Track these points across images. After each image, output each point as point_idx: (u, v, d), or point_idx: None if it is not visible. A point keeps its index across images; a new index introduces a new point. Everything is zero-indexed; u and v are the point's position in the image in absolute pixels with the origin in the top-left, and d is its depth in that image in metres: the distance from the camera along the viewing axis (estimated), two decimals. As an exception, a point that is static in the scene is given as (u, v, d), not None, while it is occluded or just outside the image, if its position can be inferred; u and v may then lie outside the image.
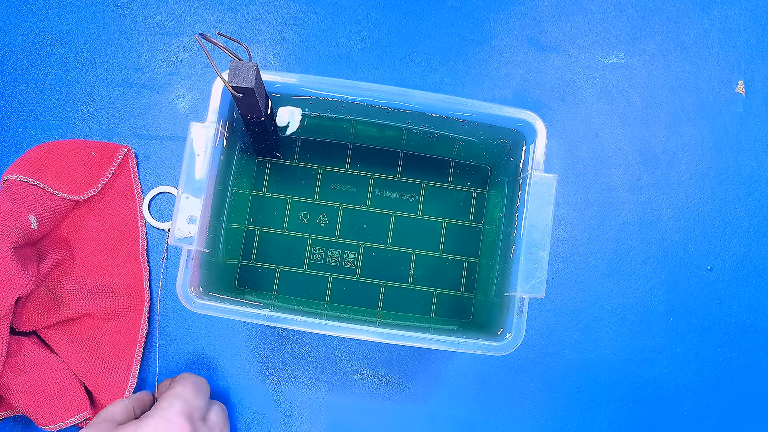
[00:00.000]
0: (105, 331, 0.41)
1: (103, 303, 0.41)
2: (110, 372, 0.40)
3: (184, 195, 0.33)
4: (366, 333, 0.33)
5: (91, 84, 0.45)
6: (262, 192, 0.43)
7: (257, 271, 0.42)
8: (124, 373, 0.40)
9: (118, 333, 0.41)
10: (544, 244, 0.34)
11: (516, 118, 0.35)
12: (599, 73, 0.47)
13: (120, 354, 0.41)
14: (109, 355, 0.40)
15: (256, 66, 0.31)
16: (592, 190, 0.46)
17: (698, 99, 0.47)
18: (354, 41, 0.46)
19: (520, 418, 0.43)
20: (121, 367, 0.40)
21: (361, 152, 0.44)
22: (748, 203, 0.46)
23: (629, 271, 0.45)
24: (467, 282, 0.43)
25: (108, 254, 0.42)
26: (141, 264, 0.42)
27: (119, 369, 0.40)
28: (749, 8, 0.48)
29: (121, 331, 0.41)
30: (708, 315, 0.45)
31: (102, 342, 0.41)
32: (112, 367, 0.40)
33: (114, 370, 0.40)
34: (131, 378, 0.40)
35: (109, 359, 0.40)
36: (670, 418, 0.44)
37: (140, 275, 0.42)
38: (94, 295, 0.41)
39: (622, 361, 0.44)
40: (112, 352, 0.41)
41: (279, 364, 0.43)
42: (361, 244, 0.43)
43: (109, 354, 0.40)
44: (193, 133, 0.33)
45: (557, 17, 0.47)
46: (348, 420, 0.43)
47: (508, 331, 0.34)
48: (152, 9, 0.46)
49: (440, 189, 0.44)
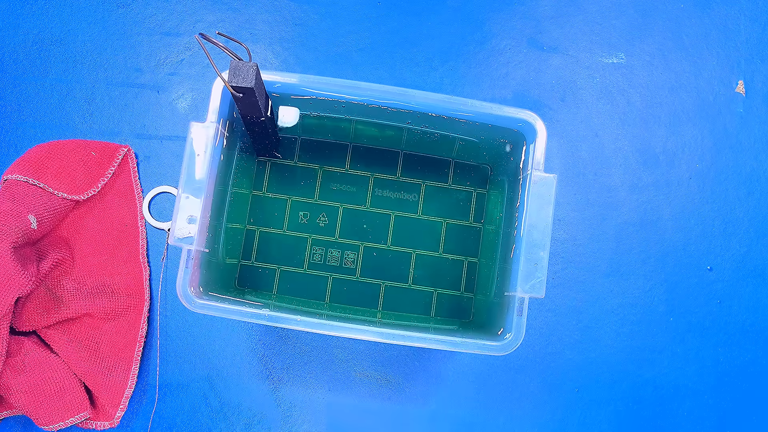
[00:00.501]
0: (105, 330, 0.41)
1: (103, 303, 0.41)
2: (110, 371, 0.40)
3: (184, 195, 0.33)
4: (366, 333, 0.33)
5: (91, 84, 0.45)
6: (262, 192, 0.43)
7: (257, 271, 0.42)
8: (124, 372, 0.40)
9: (117, 333, 0.41)
10: (544, 244, 0.34)
11: (516, 118, 0.35)
12: (599, 73, 0.47)
13: (120, 353, 0.41)
14: (109, 354, 0.40)
15: (256, 66, 0.31)
16: (592, 190, 0.46)
17: (698, 99, 0.47)
18: (354, 41, 0.46)
19: (520, 418, 0.43)
20: (120, 367, 0.40)
21: (361, 152, 0.44)
22: (748, 203, 0.46)
23: (629, 271, 0.45)
24: (467, 282, 0.43)
25: (108, 254, 0.42)
26: (141, 264, 0.42)
27: (119, 368, 0.40)
28: (749, 8, 0.48)
29: (121, 330, 0.41)
30: (708, 315, 0.45)
31: (102, 342, 0.41)
32: (112, 366, 0.40)
33: (113, 370, 0.40)
34: (131, 377, 0.40)
35: (108, 359, 0.40)
36: (670, 418, 0.44)
37: (140, 275, 0.42)
38: (94, 295, 0.41)
39: (622, 361, 0.44)
40: (111, 351, 0.41)
41: (279, 364, 0.43)
42: (361, 244, 0.43)
43: (108, 353, 0.40)
44: (193, 133, 0.33)
45: (557, 17, 0.47)
46: (348, 420, 0.43)
47: (508, 331, 0.34)
48: (152, 9, 0.46)
49: (440, 189, 0.44)
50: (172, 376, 0.42)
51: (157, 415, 0.42)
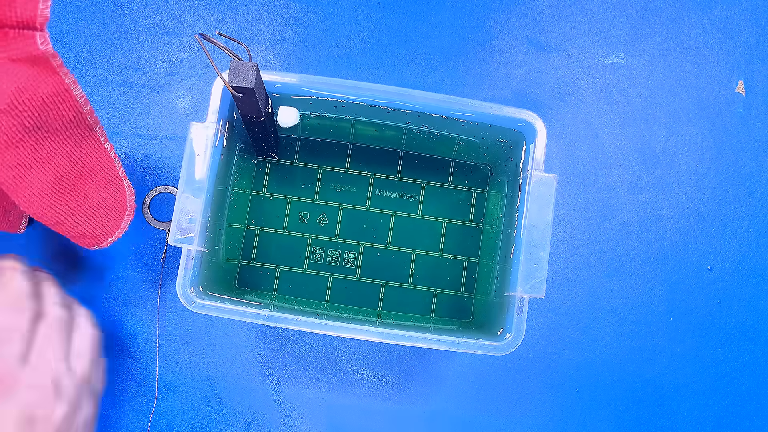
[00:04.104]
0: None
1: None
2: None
3: (184, 195, 0.33)
4: (366, 333, 0.33)
5: (91, 84, 0.45)
6: (262, 192, 0.43)
7: (257, 271, 0.42)
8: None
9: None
10: (544, 244, 0.34)
11: (516, 118, 0.35)
12: (599, 73, 0.47)
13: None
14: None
15: (256, 66, 0.31)
16: (592, 190, 0.46)
17: (698, 99, 0.47)
18: (354, 41, 0.46)
19: (520, 418, 0.43)
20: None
21: (361, 152, 0.44)
22: (748, 203, 0.46)
23: (629, 271, 0.45)
24: (467, 282, 0.43)
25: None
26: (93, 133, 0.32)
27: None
28: (749, 8, 0.48)
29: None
30: (708, 315, 0.45)
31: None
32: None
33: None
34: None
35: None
36: (670, 418, 0.44)
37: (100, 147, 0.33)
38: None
39: (622, 361, 0.44)
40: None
41: (279, 364, 0.43)
42: (361, 244, 0.43)
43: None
44: (193, 133, 0.33)
45: (557, 17, 0.47)
46: (348, 420, 0.43)
47: (508, 331, 0.34)
48: (152, 9, 0.46)
49: (440, 189, 0.44)
50: (172, 376, 0.42)
51: (156, 415, 0.42)
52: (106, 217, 0.35)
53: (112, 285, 0.43)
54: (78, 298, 0.38)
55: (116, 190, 0.36)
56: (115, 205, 0.36)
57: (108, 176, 0.35)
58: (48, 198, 0.30)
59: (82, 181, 0.32)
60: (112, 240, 0.36)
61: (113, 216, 0.36)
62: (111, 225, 0.36)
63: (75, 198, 0.32)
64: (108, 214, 0.36)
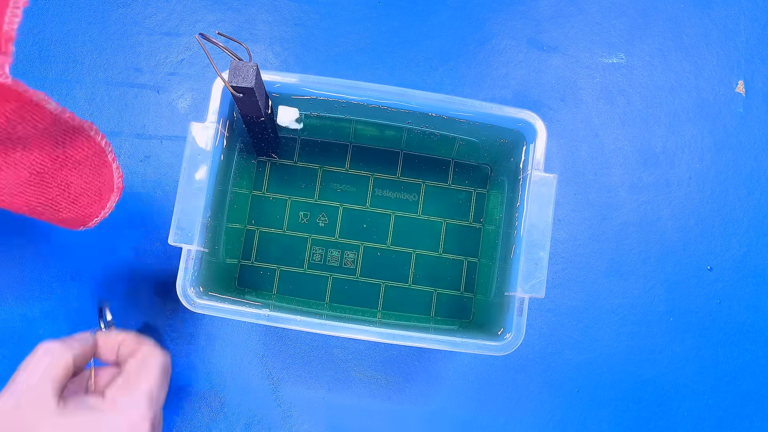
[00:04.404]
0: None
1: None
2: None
3: (184, 195, 0.33)
4: (366, 333, 0.33)
5: (91, 84, 0.45)
6: (262, 192, 0.43)
7: (257, 271, 0.42)
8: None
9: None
10: (544, 244, 0.34)
11: (516, 118, 0.35)
12: (599, 73, 0.47)
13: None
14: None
15: (256, 66, 0.31)
16: (592, 190, 0.46)
17: (698, 99, 0.47)
18: (354, 41, 0.46)
19: (520, 418, 0.43)
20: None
21: (361, 152, 0.44)
22: (748, 203, 0.46)
23: (629, 271, 0.45)
24: (467, 282, 0.43)
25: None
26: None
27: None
28: (749, 8, 0.48)
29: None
30: (708, 315, 0.45)
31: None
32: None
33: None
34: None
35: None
36: (670, 418, 0.44)
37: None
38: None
39: (622, 361, 0.44)
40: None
41: (279, 364, 0.43)
42: (361, 244, 0.43)
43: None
44: (193, 133, 0.33)
45: (557, 17, 0.47)
46: (348, 420, 0.43)
47: (508, 331, 0.34)
48: (152, 9, 0.46)
49: (440, 189, 0.44)
50: (172, 376, 0.42)
51: (157, 415, 0.42)
52: (90, 200, 0.34)
53: (112, 285, 0.43)
54: (78, 297, 0.38)
55: (102, 174, 0.34)
56: (100, 188, 0.35)
57: (96, 163, 0.33)
58: (23, 195, 0.30)
59: (65, 171, 0.31)
60: (99, 220, 0.36)
61: (98, 198, 0.35)
62: (96, 207, 0.35)
63: (55, 188, 0.31)
64: (93, 197, 0.34)
